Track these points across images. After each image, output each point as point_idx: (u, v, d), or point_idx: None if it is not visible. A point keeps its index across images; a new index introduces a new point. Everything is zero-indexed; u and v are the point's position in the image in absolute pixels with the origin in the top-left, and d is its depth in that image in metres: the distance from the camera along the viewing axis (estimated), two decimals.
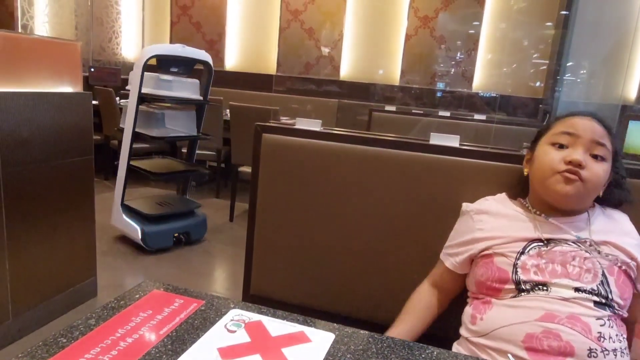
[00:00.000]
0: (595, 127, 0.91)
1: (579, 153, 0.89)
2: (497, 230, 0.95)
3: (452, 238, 1.04)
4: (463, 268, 1.00)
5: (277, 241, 1.24)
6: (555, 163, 0.90)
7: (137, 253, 2.96)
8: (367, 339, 0.68)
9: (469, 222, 1.00)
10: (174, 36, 5.38)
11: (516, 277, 0.88)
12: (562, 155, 0.90)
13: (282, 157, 1.22)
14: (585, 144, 0.90)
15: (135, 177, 4.71)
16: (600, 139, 0.90)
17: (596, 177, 0.89)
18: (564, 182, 0.89)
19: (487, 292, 0.92)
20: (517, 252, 0.90)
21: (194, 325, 0.68)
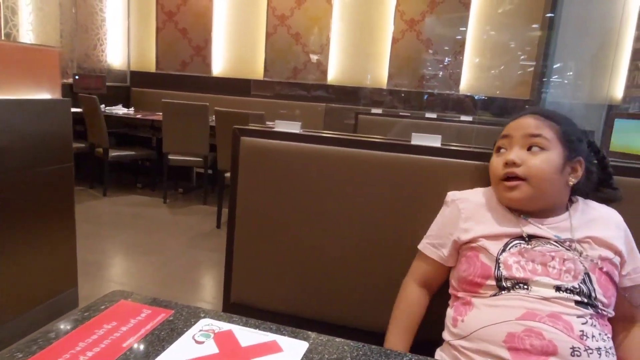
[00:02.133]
0: (529, 121, 0.92)
1: (512, 153, 0.91)
2: (480, 222, 0.93)
3: (434, 227, 1.01)
4: (450, 260, 0.97)
5: (258, 247, 1.21)
6: (495, 168, 0.94)
7: (121, 262, 2.90)
8: (342, 347, 0.65)
9: (455, 210, 0.98)
10: (160, 42, 5.34)
11: (498, 272, 0.86)
12: (501, 159, 0.92)
13: (261, 161, 1.19)
14: (518, 141, 0.91)
15: (121, 185, 4.66)
16: (535, 130, 0.90)
17: (537, 168, 0.88)
18: (507, 191, 0.90)
19: (468, 289, 0.90)
20: (499, 250, 0.88)
21: (160, 336, 0.64)
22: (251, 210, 1.20)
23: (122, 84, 5.41)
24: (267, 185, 1.19)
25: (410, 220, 1.08)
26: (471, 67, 4.60)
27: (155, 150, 4.52)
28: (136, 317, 0.69)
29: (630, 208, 0.96)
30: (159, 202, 4.07)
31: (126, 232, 3.32)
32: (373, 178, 1.11)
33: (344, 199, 1.13)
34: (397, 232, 1.09)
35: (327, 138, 1.15)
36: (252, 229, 1.21)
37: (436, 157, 1.08)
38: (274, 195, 1.18)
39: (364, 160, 1.12)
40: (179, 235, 3.31)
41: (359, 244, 1.13)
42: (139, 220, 3.61)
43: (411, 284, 1.02)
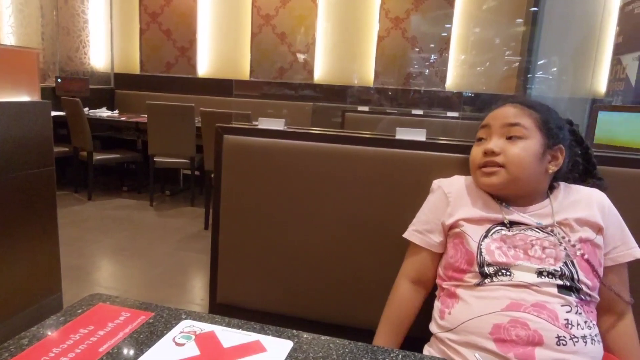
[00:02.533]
0: (508, 110, 0.92)
1: (491, 142, 0.91)
2: (463, 205, 0.93)
3: (420, 215, 1.00)
4: (440, 246, 0.97)
5: (244, 246, 1.19)
6: (474, 157, 0.95)
7: (107, 266, 2.85)
8: (327, 345, 0.64)
9: (440, 195, 0.98)
10: (144, 44, 5.28)
11: (480, 258, 0.86)
12: (481, 149, 0.93)
13: (245, 159, 1.17)
14: (497, 131, 0.92)
15: (107, 188, 4.59)
16: (514, 119, 0.90)
17: (516, 157, 0.88)
18: (485, 176, 0.91)
19: (454, 276, 0.89)
20: (481, 236, 0.88)
21: (139, 340, 0.62)
22: (236, 209, 1.18)
23: (106, 87, 5.34)
24: (252, 183, 1.17)
25: (396, 215, 1.07)
26: (457, 64, 4.62)
27: (140, 152, 4.46)
28: (114, 320, 0.67)
29: (615, 197, 0.96)
30: (146, 205, 4.02)
31: (112, 236, 3.26)
32: (358, 174, 1.10)
33: (329, 195, 1.12)
34: (384, 227, 1.08)
35: (312, 134, 1.13)
36: (237, 228, 1.19)
37: (421, 150, 1.07)
38: (258, 194, 1.16)
39: (349, 156, 1.11)
40: (166, 238, 3.26)
41: (346, 240, 1.11)
42: (125, 223, 3.55)
43: (403, 282, 1.00)
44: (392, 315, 0.98)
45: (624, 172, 1.01)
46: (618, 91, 3.57)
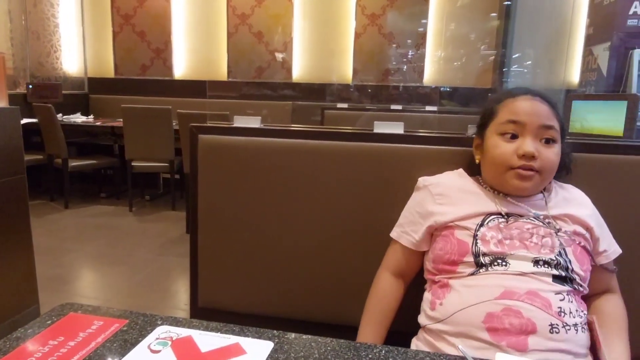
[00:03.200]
0: (540, 108, 0.87)
1: (529, 144, 0.85)
2: (456, 204, 0.92)
3: (407, 214, 0.99)
4: (422, 245, 0.95)
5: (224, 248, 1.17)
6: (508, 157, 0.87)
7: (87, 275, 2.79)
8: (309, 343, 0.62)
9: (427, 195, 0.96)
10: (117, 47, 5.17)
11: (476, 248, 0.85)
12: (513, 148, 0.87)
13: (222, 159, 1.15)
14: (533, 131, 0.86)
15: (84, 195, 4.49)
16: (548, 120, 0.87)
17: (550, 162, 0.87)
18: (520, 179, 0.86)
19: (445, 269, 0.88)
20: (477, 224, 0.87)
21: (112, 349, 0.59)
22: (214, 210, 1.16)
23: (80, 92, 5.21)
24: (229, 183, 1.14)
25: (377, 209, 1.06)
26: (434, 59, 4.66)
27: (118, 157, 4.37)
28: (86, 330, 0.64)
29: (589, 182, 0.98)
30: (125, 211, 3.94)
31: (91, 244, 3.19)
32: (337, 169, 1.09)
33: (308, 192, 1.10)
34: (366, 222, 1.07)
35: (288, 131, 1.12)
36: (216, 229, 1.16)
37: (400, 144, 1.06)
38: (236, 193, 1.14)
39: (327, 152, 1.09)
40: (147, 243, 3.20)
41: (328, 237, 1.10)
42: (104, 230, 3.47)
43: (385, 274, 0.99)
44: (375, 308, 0.97)
45: (596, 158, 1.02)
46: (590, 81, 3.65)
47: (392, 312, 0.97)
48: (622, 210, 0.99)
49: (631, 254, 0.96)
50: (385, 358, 0.59)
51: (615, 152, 1.02)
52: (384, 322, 0.96)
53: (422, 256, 0.97)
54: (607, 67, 3.35)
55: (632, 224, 1.00)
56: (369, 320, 0.96)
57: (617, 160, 1.01)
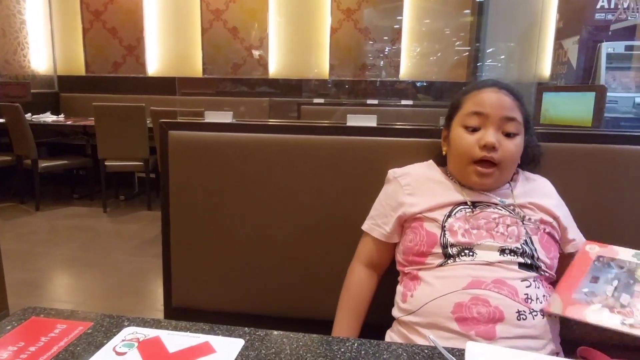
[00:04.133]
0: (503, 100, 0.88)
1: (490, 135, 0.86)
2: (424, 195, 0.92)
3: (377, 206, 0.99)
4: (393, 237, 0.95)
5: (198, 246, 1.14)
6: (470, 148, 0.88)
7: (61, 279, 2.71)
8: (280, 339, 0.61)
9: (397, 187, 0.96)
10: (88, 44, 5.03)
11: (444, 239, 0.85)
12: (475, 139, 0.88)
13: (193, 155, 1.12)
14: (495, 122, 0.87)
15: (56, 197, 4.36)
16: (510, 113, 0.87)
17: (510, 154, 0.88)
18: (480, 177, 0.88)
19: (415, 260, 0.88)
20: (445, 216, 0.88)
21: (75, 352, 0.57)
22: (186, 207, 1.13)
23: (50, 90, 5.06)
24: (202, 180, 1.12)
25: (350, 202, 1.05)
26: (410, 55, 4.69)
27: (90, 157, 4.25)
28: (48, 334, 0.61)
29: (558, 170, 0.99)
30: (99, 212, 3.85)
31: (64, 247, 3.10)
32: (311, 163, 1.08)
33: (282, 187, 1.09)
34: (339, 215, 1.07)
35: (260, 126, 1.10)
36: (189, 228, 1.14)
37: (373, 137, 1.06)
38: (209, 190, 1.12)
39: (300, 146, 1.08)
40: (122, 244, 3.13)
41: (301, 232, 1.09)
42: (77, 232, 3.38)
43: (357, 266, 0.99)
44: (349, 301, 0.97)
45: (565, 147, 1.04)
46: (561, 74, 3.73)
47: (366, 305, 0.97)
48: (590, 198, 1.01)
49: (598, 240, 0.98)
50: (357, 351, 0.59)
51: (583, 141, 1.04)
52: (358, 315, 0.96)
53: (393, 248, 0.97)
54: (576, 60, 3.43)
55: (600, 211, 1.02)
56: (344, 314, 0.96)
57: (585, 149, 1.03)
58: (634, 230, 1.01)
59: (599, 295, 0.72)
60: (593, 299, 0.72)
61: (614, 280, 0.72)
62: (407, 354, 0.58)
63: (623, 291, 0.70)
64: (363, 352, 0.59)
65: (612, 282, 0.73)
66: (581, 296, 0.75)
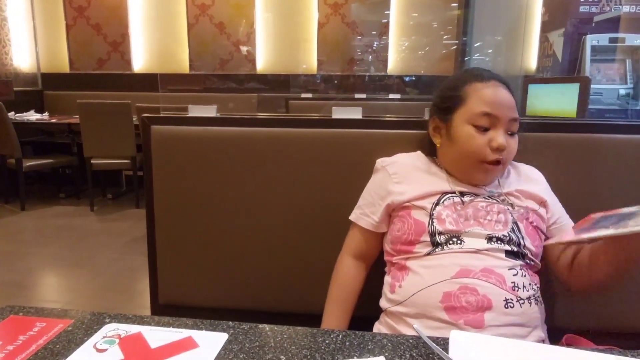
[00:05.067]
0: (509, 99, 0.89)
1: (501, 137, 0.86)
2: (412, 183, 0.92)
3: (365, 196, 0.98)
4: (382, 226, 0.95)
5: (183, 242, 1.13)
6: (482, 149, 0.86)
7: (48, 279, 2.67)
8: (265, 333, 0.60)
9: (385, 176, 0.95)
10: (72, 40, 4.94)
11: (432, 228, 0.86)
12: (487, 140, 0.86)
13: (177, 149, 1.11)
14: (505, 124, 0.87)
15: (42, 196, 4.30)
16: (515, 113, 0.89)
17: (513, 152, 0.90)
18: (486, 173, 0.88)
19: (403, 249, 0.88)
20: (433, 204, 0.88)
21: (54, 350, 0.56)
22: (171, 203, 1.12)
23: (33, 88, 4.97)
24: (186, 175, 1.11)
25: (337, 195, 1.05)
26: (397, 49, 4.68)
27: (76, 156, 4.20)
28: (27, 332, 0.60)
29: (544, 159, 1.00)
30: (86, 211, 3.80)
31: (51, 246, 3.06)
32: (296, 157, 1.07)
33: (268, 181, 1.08)
34: (326, 209, 1.06)
35: (244, 119, 1.09)
36: (175, 224, 1.13)
37: (359, 129, 1.05)
38: (194, 185, 1.11)
39: (285, 139, 1.07)
40: (110, 243, 3.10)
41: (289, 226, 1.08)
42: (64, 232, 3.34)
43: (346, 258, 0.98)
44: (338, 293, 0.96)
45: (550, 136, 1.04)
46: (547, 67, 3.76)
47: (355, 296, 0.96)
48: (574, 186, 1.02)
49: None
50: (342, 342, 0.58)
51: (568, 131, 1.04)
52: (347, 307, 0.95)
53: (381, 238, 0.97)
54: (561, 52, 3.46)
55: (583, 198, 1.03)
56: (333, 306, 0.95)
57: (569, 138, 1.04)
58: None
59: (599, 230, 0.72)
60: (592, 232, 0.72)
61: (613, 220, 0.72)
62: (392, 344, 0.58)
63: (621, 222, 0.70)
64: (348, 343, 0.58)
65: (611, 220, 0.72)
66: (582, 233, 0.75)
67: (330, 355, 0.55)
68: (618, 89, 3.25)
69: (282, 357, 0.55)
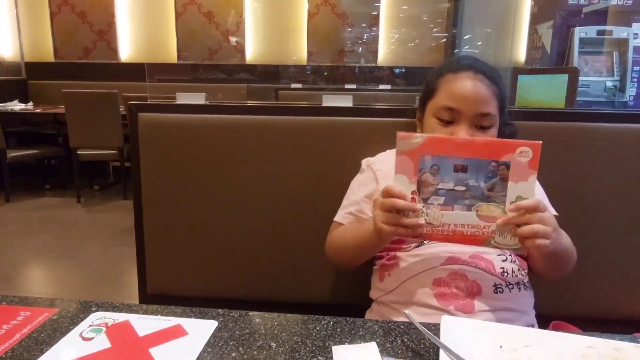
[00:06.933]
0: (479, 92, 0.83)
1: (463, 131, 0.82)
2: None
3: (350, 195, 0.96)
4: None
5: (172, 231, 1.12)
6: None
7: (34, 271, 2.63)
8: (254, 320, 0.60)
9: (370, 174, 0.94)
10: (56, 29, 4.84)
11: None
12: (447, 134, 0.84)
13: (165, 138, 1.09)
14: (469, 119, 0.83)
15: (27, 188, 4.22)
16: (485, 108, 0.83)
17: None
18: None
19: (391, 247, 0.88)
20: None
21: (39, 339, 0.55)
22: (158, 192, 1.10)
23: (17, 77, 4.86)
24: (174, 163, 1.09)
25: (327, 183, 1.04)
26: (388, 41, 4.67)
27: (62, 146, 4.12)
28: (10, 321, 0.59)
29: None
30: (73, 203, 3.74)
31: (37, 238, 3.01)
32: (286, 145, 1.06)
33: (257, 169, 1.07)
34: (315, 196, 1.05)
35: (233, 107, 1.07)
36: (162, 213, 1.11)
37: (349, 117, 1.05)
38: (182, 174, 1.09)
39: (274, 128, 1.06)
40: (97, 234, 3.06)
41: (278, 214, 1.07)
42: (50, 223, 3.29)
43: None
44: (346, 231, 0.90)
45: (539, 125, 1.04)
46: (536, 59, 3.78)
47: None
48: (562, 174, 1.02)
49: (569, 216, 0.99)
50: (333, 329, 0.58)
51: (556, 120, 1.05)
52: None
53: None
54: (550, 44, 3.48)
55: (571, 186, 1.03)
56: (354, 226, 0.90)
57: (557, 127, 1.04)
58: (603, 202, 1.03)
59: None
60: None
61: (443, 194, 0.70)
62: (383, 330, 0.58)
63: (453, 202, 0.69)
64: (339, 329, 0.58)
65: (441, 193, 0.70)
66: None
67: (321, 341, 0.55)
68: (605, 81, 3.29)
69: (273, 344, 0.54)
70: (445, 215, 0.68)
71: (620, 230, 1.03)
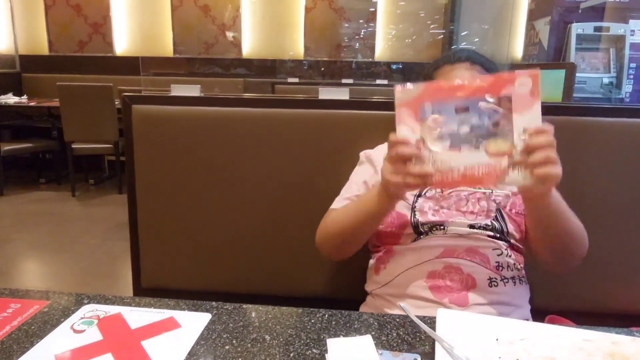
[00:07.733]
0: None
1: None
2: None
3: (350, 184, 0.95)
4: None
5: (166, 224, 1.11)
6: None
7: (29, 265, 2.62)
8: (249, 313, 0.59)
9: (369, 166, 0.94)
10: (51, 21, 4.79)
11: (414, 219, 0.85)
12: None
13: (159, 130, 1.08)
14: None
15: (22, 182, 4.19)
16: None
17: None
18: None
19: (387, 241, 0.88)
20: (415, 195, 0.87)
21: (29, 332, 0.54)
22: (153, 185, 1.09)
23: (11, 70, 4.81)
24: (168, 156, 1.08)
25: (323, 177, 1.03)
26: (385, 36, 4.65)
27: (57, 140, 4.09)
28: (0, 314, 0.58)
29: None
30: (67, 197, 3.72)
31: (31, 232, 2.99)
32: (282, 138, 1.05)
33: (252, 162, 1.06)
34: (311, 190, 1.05)
35: (229, 99, 1.06)
36: (156, 206, 1.10)
37: (345, 110, 1.04)
38: (176, 167, 1.08)
39: (270, 120, 1.05)
40: (92, 228, 3.05)
41: (273, 208, 1.07)
42: (45, 217, 3.27)
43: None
44: (343, 213, 0.87)
45: None
46: (533, 55, 3.77)
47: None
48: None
49: None
50: (328, 322, 0.57)
51: (553, 114, 1.04)
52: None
53: None
54: (547, 41, 3.47)
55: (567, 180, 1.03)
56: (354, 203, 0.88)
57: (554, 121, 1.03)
58: (599, 196, 1.02)
59: None
60: None
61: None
62: (379, 322, 0.58)
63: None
64: (334, 322, 0.57)
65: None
66: None
67: (316, 334, 0.54)
68: (602, 77, 3.29)
69: (267, 337, 0.54)
70: (454, 158, 0.64)
71: (616, 224, 1.03)
